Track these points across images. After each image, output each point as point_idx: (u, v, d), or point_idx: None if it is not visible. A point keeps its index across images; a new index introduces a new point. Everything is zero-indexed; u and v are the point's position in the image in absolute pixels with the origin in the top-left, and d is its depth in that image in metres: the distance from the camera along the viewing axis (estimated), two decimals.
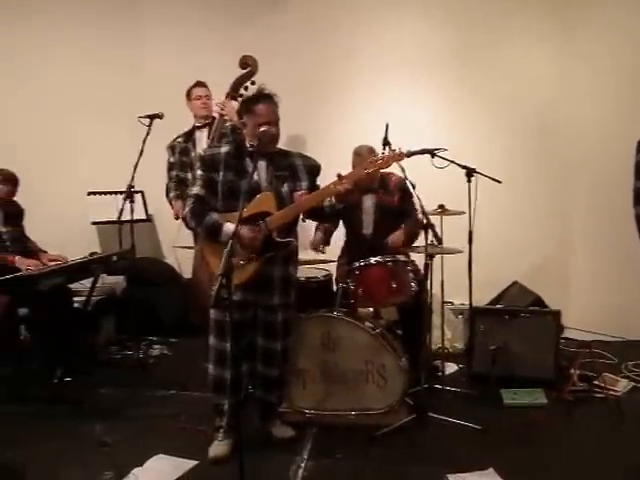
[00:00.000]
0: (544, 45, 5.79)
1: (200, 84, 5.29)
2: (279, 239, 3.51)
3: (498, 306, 4.93)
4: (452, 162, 4.30)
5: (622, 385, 4.48)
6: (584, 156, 5.68)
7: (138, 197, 5.51)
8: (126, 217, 4.74)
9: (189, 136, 5.28)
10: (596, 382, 4.43)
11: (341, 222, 4.80)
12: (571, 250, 5.83)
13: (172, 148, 5.29)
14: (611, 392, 4.34)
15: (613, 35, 5.49)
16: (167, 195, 5.36)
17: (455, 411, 4.03)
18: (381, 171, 3.82)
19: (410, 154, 4.09)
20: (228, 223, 3.42)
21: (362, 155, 4.48)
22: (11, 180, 4.79)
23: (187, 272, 5.77)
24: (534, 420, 3.99)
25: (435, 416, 3.95)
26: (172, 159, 5.30)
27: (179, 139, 5.29)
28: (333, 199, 3.54)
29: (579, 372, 4.48)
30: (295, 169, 3.63)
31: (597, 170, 5.62)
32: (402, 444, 3.72)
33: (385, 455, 3.59)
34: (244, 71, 5.08)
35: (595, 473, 3.38)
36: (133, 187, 4.71)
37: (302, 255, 4.09)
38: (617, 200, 4.32)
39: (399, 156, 3.58)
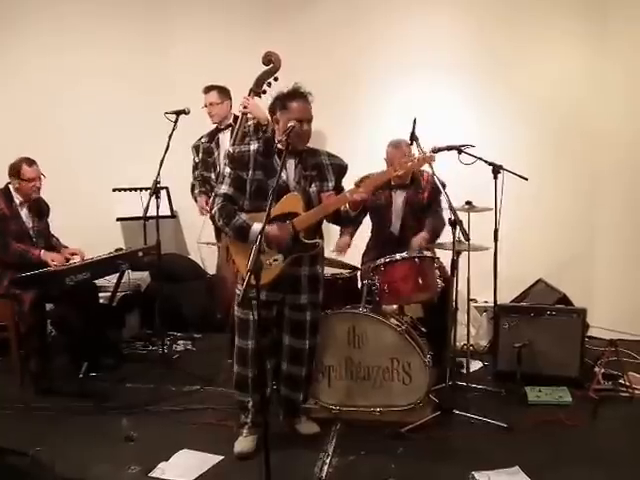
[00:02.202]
0: (577, 44, 5.71)
1: (206, 90, 5.28)
2: (306, 240, 3.51)
3: (524, 304, 4.89)
4: (479, 159, 4.27)
5: None
6: (613, 157, 5.61)
7: (163, 193, 5.53)
8: (151, 213, 4.76)
9: (212, 136, 5.32)
10: (621, 381, 4.40)
11: (367, 219, 4.80)
12: (596, 249, 5.77)
13: (196, 148, 5.35)
14: (636, 391, 4.31)
15: None
16: (192, 192, 5.42)
17: (480, 409, 4.02)
18: None
19: (437, 150, 4.11)
20: (256, 224, 3.40)
21: (395, 146, 4.53)
22: (35, 162, 4.82)
23: (211, 268, 5.81)
24: (559, 418, 3.96)
25: (460, 413, 3.95)
26: (197, 159, 5.37)
27: (203, 139, 5.34)
28: (347, 206, 3.53)
29: (604, 371, 4.45)
30: (323, 168, 3.62)
31: (626, 171, 5.57)
32: (427, 441, 3.72)
33: (410, 452, 3.57)
34: (267, 67, 5.05)
35: (620, 472, 3.37)
36: (159, 183, 4.72)
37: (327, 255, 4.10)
38: None
39: (429, 159, 3.59)
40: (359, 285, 4.58)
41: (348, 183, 3.65)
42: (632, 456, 3.54)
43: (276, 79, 4.93)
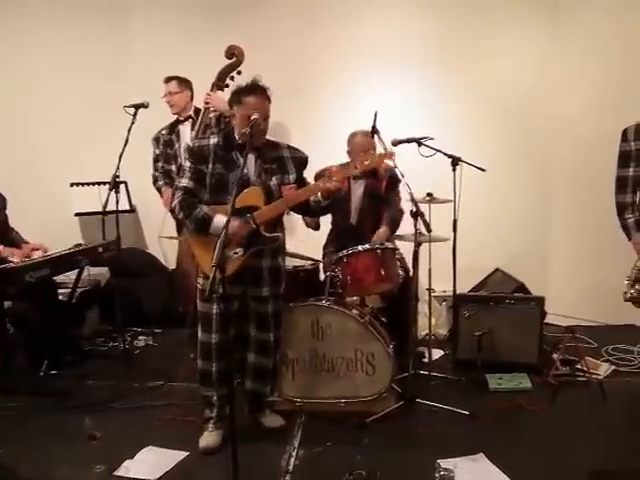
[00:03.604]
0: (532, 35, 5.81)
1: (167, 80, 5.25)
2: (266, 234, 3.51)
3: (483, 293, 4.96)
4: (438, 151, 4.30)
5: (603, 369, 4.58)
6: (566, 146, 5.73)
7: (122, 187, 5.45)
8: (111, 208, 4.70)
9: (173, 128, 5.27)
10: (578, 366, 4.50)
11: None
12: (551, 238, 5.90)
13: (156, 140, 5.31)
14: (593, 375, 4.42)
15: (606, 24, 5.50)
16: (154, 184, 5.38)
17: (442, 397, 4.09)
18: None
19: (397, 142, 4.14)
20: (218, 215, 3.41)
21: (357, 138, 4.56)
22: None
23: (171, 262, 5.77)
24: (520, 404, 4.06)
25: (423, 402, 4.01)
26: (157, 151, 5.32)
27: (163, 131, 5.30)
28: (319, 195, 3.53)
29: (562, 357, 4.54)
30: (283, 161, 3.61)
31: (578, 160, 5.66)
32: (392, 430, 3.76)
33: (375, 442, 3.61)
34: (230, 61, 5.03)
35: (580, 454, 3.44)
36: (118, 177, 4.67)
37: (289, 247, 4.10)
38: (597, 189, 4.40)
39: (389, 156, 3.62)
40: (321, 277, 4.60)
41: (309, 176, 3.67)
42: (590, 438, 3.62)
43: (239, 72, 4.93)
